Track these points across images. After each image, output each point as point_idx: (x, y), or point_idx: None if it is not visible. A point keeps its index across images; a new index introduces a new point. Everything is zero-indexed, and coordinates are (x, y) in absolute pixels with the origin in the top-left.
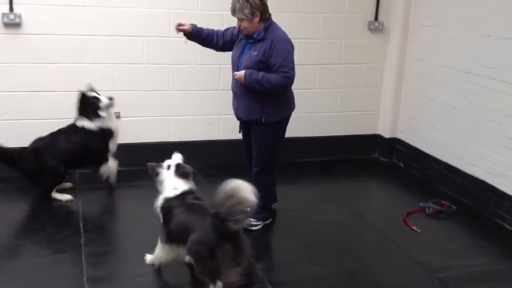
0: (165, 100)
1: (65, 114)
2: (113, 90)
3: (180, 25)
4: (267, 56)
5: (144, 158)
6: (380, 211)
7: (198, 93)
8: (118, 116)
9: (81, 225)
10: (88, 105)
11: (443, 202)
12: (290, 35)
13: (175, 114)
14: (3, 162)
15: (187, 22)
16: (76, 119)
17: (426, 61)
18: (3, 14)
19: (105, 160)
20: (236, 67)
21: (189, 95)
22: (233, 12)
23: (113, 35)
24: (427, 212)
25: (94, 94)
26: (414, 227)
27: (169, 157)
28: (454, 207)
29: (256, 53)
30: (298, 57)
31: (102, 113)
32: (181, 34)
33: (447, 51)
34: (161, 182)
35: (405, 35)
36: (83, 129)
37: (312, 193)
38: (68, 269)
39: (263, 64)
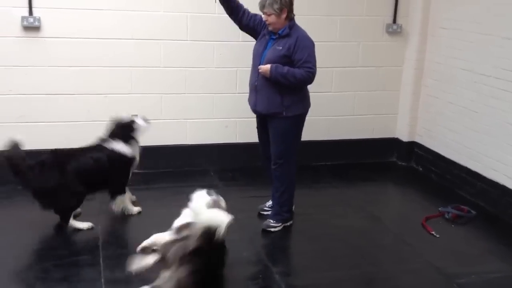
0: (182, 103)
1: (82, 117)
2: (131, 93)
3: None
4: (292, 52)
5: (160, 160)
6: (398, 215)
7: (215, 96)
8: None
9: (99, 227)
10: (125, 127)
11: (462, 206)
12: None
13: (192, 117)
14: (14, 171)
15: None
16: (104, 140)
17: (445, 64)
18: (23, 18)
19: (123, 188)
20: (258, 60)
21: (206, 98)
22: (262, 7)
23: (131, 39)
24: (446, 217)
25: (130, 118)
26: (433, 232)
27: (188, 159)
28: (474, 212)
29: (281, 48)
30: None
31: (137, 137)
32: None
33: (466, 54)
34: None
35: (423, 37)
36: (112, 151)
37: (329, 197)
38: (86, 271)
39: (286, 59)
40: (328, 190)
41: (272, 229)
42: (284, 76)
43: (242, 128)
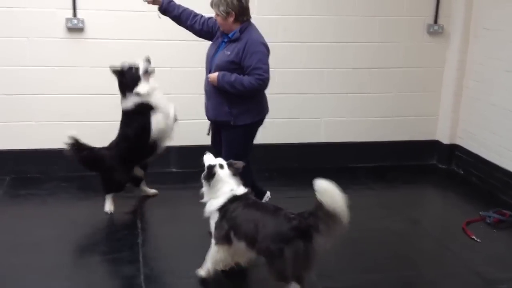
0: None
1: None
2: (170, 94)
3: None
4: (241, 57)
5: (198, 160)
6: (438, 219)
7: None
8: (175, 119)
9: (139, 225)
10: (123, 78)
11: (504, 211)
12: (345, 39)
13: None
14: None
15: None
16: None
17: (488, 65)
18: (67, 19)
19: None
20: (209, 64)
21: None
22: (211, 6)
23: (171, 40)
24: (488, 221)
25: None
26: (473, 237)
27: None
28: None
29: (229, 53)
30: (353, 60)
31: (144, 83)
32: (155, 7)
33: (510, 55)
34: (216, 183)
35: (465, 38)
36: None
37: (367, 200)
38: (126, 268)
39: (235, 65)
40: (366, 192)
41: None
42: (231, 84)
43: (279, 129)
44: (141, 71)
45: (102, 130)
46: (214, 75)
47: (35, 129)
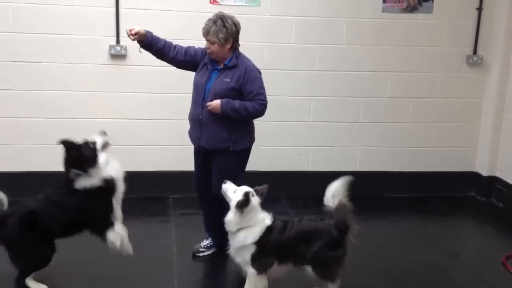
0: (256, 129)
1: (163, 141)
2: None
3: (132, 31)
4: (242, 84)
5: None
6: (477, 252)
7: (288, 124)
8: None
9: (174, 249)
10: (81, 153)
11: None
12: (383, 68)
13: (264, 144)
14: None
15: (142, 28)
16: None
17: None
18: (110, 46)
19: (109, 224)
20: (202, 93)
21: (279, 126)
22: (206, 34)
23: None
24: None
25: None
26: None
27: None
28: None
29: (228, 80)
30: (391, 90)
31: (101, 160)
32: (135, 42)
33: None
34: (250, 211)
35: (505, 69)
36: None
37: (403, 231)
38: None
39: (235, 92)
40: (403, 223)
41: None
42: (236, 111)
43: (314, 156)
44: (99, 146)
45: (143, 154)
46: (217, 103)
47: None
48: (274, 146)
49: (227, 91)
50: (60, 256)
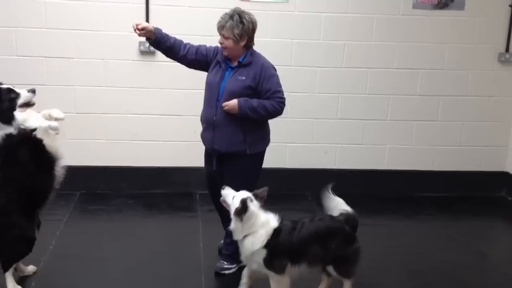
0: (282, 127)
1: (189, 137)
2: None
3: (138, 26)
4: (258, 82)
5: (259, 183)
6: (507, 253)
7: (315, 121)
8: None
9: (201, 244)
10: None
11: None
12: (413, 65)
13: (292, 141)
14: None
15: (150, 24)
16: None
17: None
18: (140, 43)
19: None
20: (216, 92)
21: (306, 123)
22: (221, 28)
23: None
24: None
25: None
26: None
27: (287, 183)
28: None
29: (244, 78)
30: (421, 88)
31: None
32: (143, 38)
33: None
34: (249, 217)
35: None
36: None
37: (432, 230)
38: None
39: (251, 90)
40: (432, 223)
41: (227, 272)
42: (254, 110)
43: (341, 154)
44: (21, 101)
45: (171, 150)
46: (234, 102)
47: (106, 147)
48: (300, 144)
49: (243, 90)
50: (86, 249)
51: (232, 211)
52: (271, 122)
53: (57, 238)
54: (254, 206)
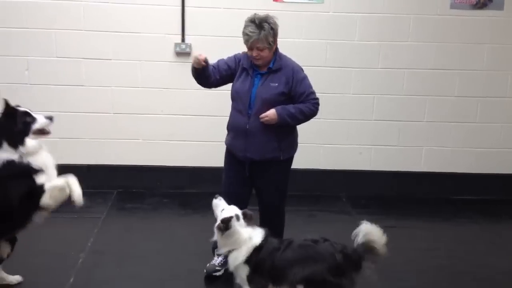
0: (317, 127)
1: (224, 137)
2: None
3: (201, 57)
4: (291, 87)
5: (293, 184)
6: None
7: (350, 122)
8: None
9: None
10: (11, 122)
11: None
12: (451, 66)
13: (326, 142)
14: None
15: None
16: None
17: None
18: (176, 44)
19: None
20: (246, 101)
21: (341, 124)
22: (255, 42)
23: None
24: None
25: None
26: None
27: (321, 184)
28: None
29: (276, 84)
30: (458, 89)
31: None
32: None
33: None
34: (232, 235)
35: None
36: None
37: (470, 234)
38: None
39: (284, 96)
40: (470, 226)
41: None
42: (293, 116)
43: (376, 155)
44: (36, 126)
45: (206, 150)
46: (272, 112)
47: (142, 147)
48: (335, 145)
49: (276, 97)
50: (123, 247)
51: (216, 224)
52: (305, 123)
53: (95, 235)
54: (238, 224)
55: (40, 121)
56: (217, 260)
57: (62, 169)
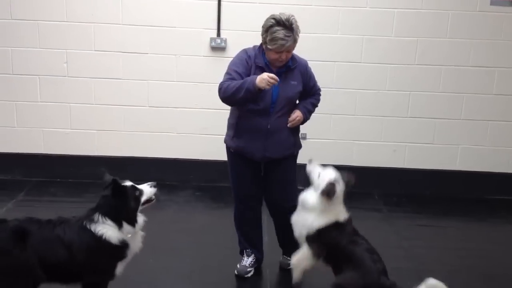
0: (351, 124)
1: None
2: None
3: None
4: (305, 82)
5: None
6: None
7: (384, 119)
8: (304, 137)
9: (266, 238)
10: (124, 201)
11: None
12: (490, 63)
13: (360, 139)
14: None
15: None
16: (90, 219)
17: None
18: (211, 39)
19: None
20: (268, 100)
21: (375, 121)
22: (291, 46)
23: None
24: None
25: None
26: None
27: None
28: None
29: (295, 82)
30: (497, 86)
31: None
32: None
33: None
34: (333, 202)
35: None
36: (96, 237)
37: (506, 234)
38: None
39: (300, 94)
40: (505, 227)
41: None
42: (310, 112)
43: (411, 153)
44: (144, 198)
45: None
46: (298, 114)
47: (176, 140)
48: (369, 142)
49: (297, 95)
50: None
51: (319, 189)
52: (334, 119)
53: None
54: (340, 191)
55: (147, 191)
56: (247, 261)
57: (98, 161)
